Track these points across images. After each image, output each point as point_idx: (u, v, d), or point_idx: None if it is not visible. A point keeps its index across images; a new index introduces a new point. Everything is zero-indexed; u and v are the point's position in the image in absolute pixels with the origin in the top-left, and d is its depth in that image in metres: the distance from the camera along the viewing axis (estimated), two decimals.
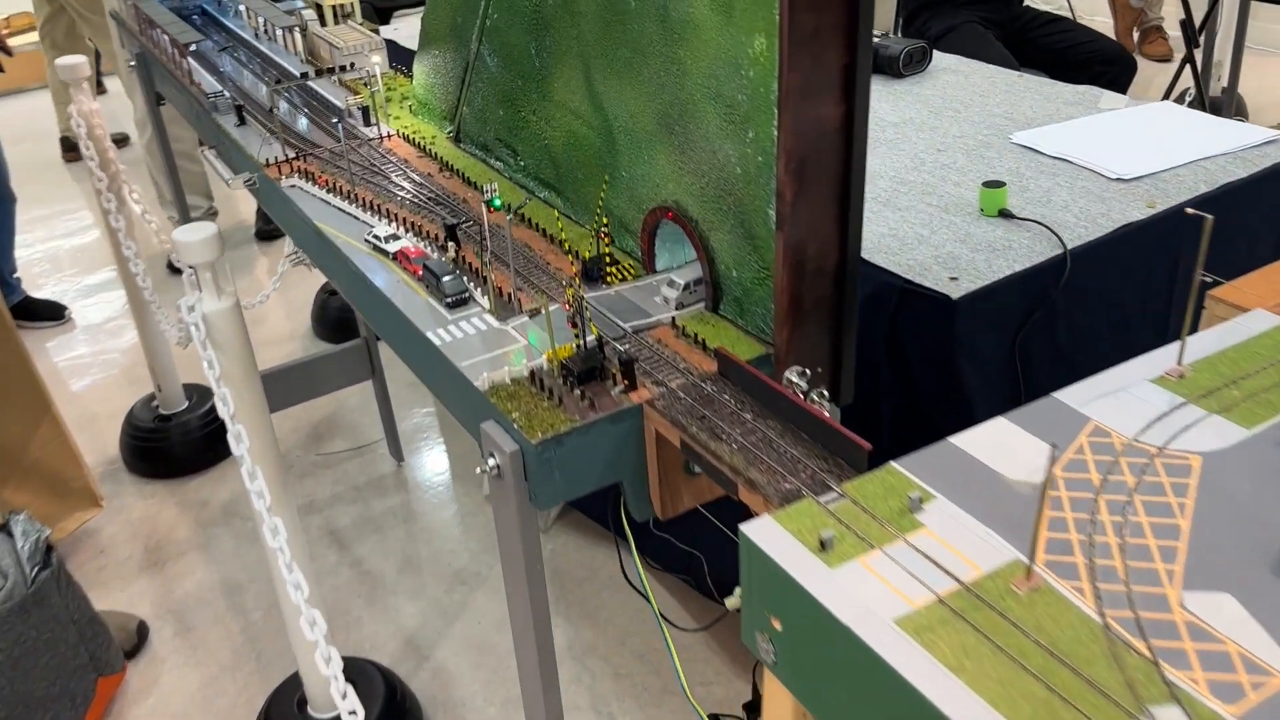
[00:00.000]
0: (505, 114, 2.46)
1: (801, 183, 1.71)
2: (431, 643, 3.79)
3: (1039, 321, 2.79)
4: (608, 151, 2.14)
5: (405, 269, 2.18)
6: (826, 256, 1.79)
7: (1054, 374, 2.84)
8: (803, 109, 1.66)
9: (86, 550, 4.26)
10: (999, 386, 2.78)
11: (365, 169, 2.62)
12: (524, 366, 1.84)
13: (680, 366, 1.82)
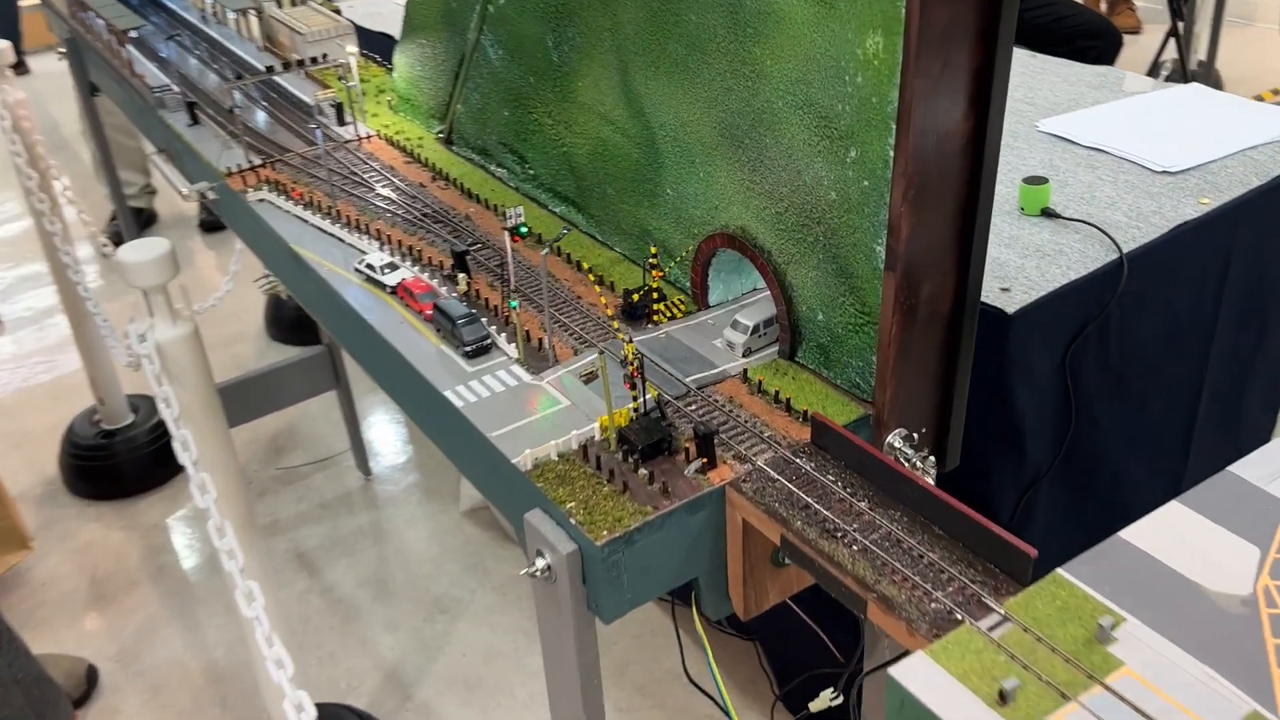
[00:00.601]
0: (512, 115, 2.06)
1: (921, 213, 1.35)
2: (413, 679, 3.40)
3: (1090, 334, 2.47)
4: (649, 165, 1.76)
5: (408, 306, 1.78)
6: (942, 299, 1.44)
7: (1103, 391, 2.53)
8: (928, 124, 1.30)
9: (24, 585, 3.79)
10: (1049, 409, 2.45)
11: (345, 178, 2.20)
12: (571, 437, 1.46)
13: (764, 435, 1.46)
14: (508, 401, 1.56)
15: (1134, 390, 2.61)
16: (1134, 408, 2.63)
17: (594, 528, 1.32)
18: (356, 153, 2.30)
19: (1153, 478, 2.81)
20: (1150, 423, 2.70)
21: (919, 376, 1.48)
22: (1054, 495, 2.54)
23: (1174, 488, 2.87)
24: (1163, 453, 2.80)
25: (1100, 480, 2.66)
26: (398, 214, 2.06)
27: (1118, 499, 2.73)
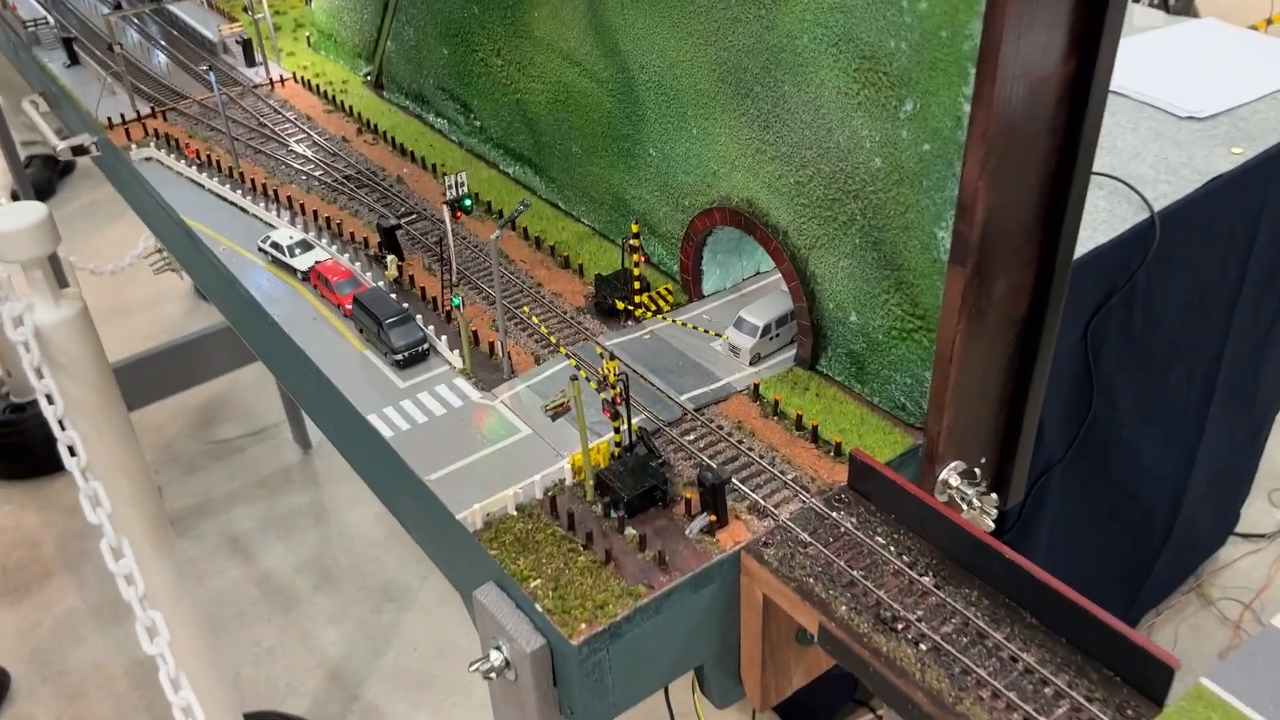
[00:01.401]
0: (452, 54, 1.65)
1: (1003, 188, 0.98)
2: (359, 677, 3.04)
3: (1115, 304, 2.13)
4: (625, 118, 1.36)
5: (324, 298, 1.38)
6: (1018, 298, 1.08)
7: (1123, 365, 2.21)
8: (1020, 67, 0.92)
9: None
10: (1066, 390, 2.13)
11: (252, 131, 1.78)
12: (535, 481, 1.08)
13: (786, 476, 1.09)
14: (451, 428, 1.18)
15: (1154, 362, 2.29)
16: (1152, 381, 2.31)
17: (568, 617, 0.95)
18: (268, 100, 1.88)
19: (1166, 456, 2.51)
20: (1168, 396, 2.39)
21: (984, 397, 1.12)
22: (1067, 479, 2.23)
23: (1187, 466, 2.58)
24: (1179, 430, 2.50)
25: (1114, 460, 2.36)
26: (314, 176, 1.65)
27: (1129, 479, 2.44)
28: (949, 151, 0.99)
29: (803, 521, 1.04)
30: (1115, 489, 2.39)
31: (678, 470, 1.11)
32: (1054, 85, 0.97)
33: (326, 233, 1.53)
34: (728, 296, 1.37)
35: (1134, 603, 2.79)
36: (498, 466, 1.12)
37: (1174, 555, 2.78)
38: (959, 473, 1.14)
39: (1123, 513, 2.48)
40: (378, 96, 1.90)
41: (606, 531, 1.04)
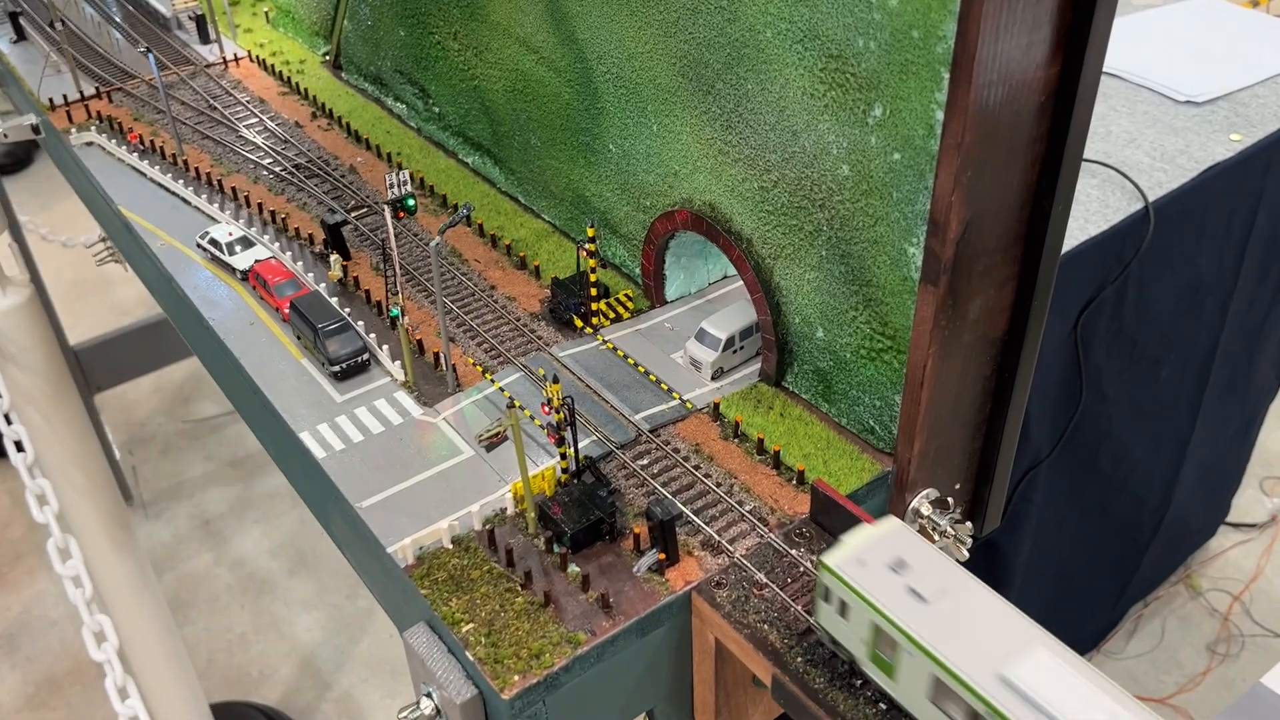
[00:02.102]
0: (409, 36, 1.55)
1: (979, 201, 0.89)
2: (334, 665, 2.98)
3: (1106, 298, 2.05)
4: (584, 111, 1.27)
5: (263, 299, 1.29)
6: (996, 317, 0.99)
7: (1113, 359, 2.13)
8: (998, 71, 0.83)
9: None
10: (1054, 385, 2.05)
11: (200, 115, 1.68)
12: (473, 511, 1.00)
13: (744, 507, 1.01)
14: (388, 449, 1.09)
15: (1145, 355, 2.22)
16: (1144, 375, 2.24)
17: (500, 667, 0.88)
18: (219, 80, 1.77)
19: (1156, 448, 2.44)
20: (1159, 390, 2.32)
21: (958, 421, 1.04)
22: (1055, 474, 2.16)
23: (1178, 459, 2.51)
24: (1170, 423, 2.43)
25: (1103, 454, 2.29)
26: (263, 165, 1.56)
27: (1119, 472, 2.37)
28: (921, 162, 0.90)
29: (759, 559, 0.96)
30: (1104, 482, 2.32)
31: (629, 499, 1.03)
32: (1037, 90, 0.88)
33: (271, 227, 1.44)
34: (692, 303, 1.29)
35: (1122, 594, 2.74)
36: (435, 492, 1.04)
37: (1163, 547, 2.72)
38: (931, 501, 1.06)
39: (1112, 505, 2.41)
40: (336, 78, 1.80)
41: (548, 569, 0.96)
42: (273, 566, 3.29)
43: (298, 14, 1.87)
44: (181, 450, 3.72)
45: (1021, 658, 0.78)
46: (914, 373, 0.97)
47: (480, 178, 1.53)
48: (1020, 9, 0.82)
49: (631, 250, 1.31)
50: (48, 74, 1.75)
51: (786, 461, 1.05)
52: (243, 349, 1.22)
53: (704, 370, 1.16)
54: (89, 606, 1.75)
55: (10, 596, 3.22)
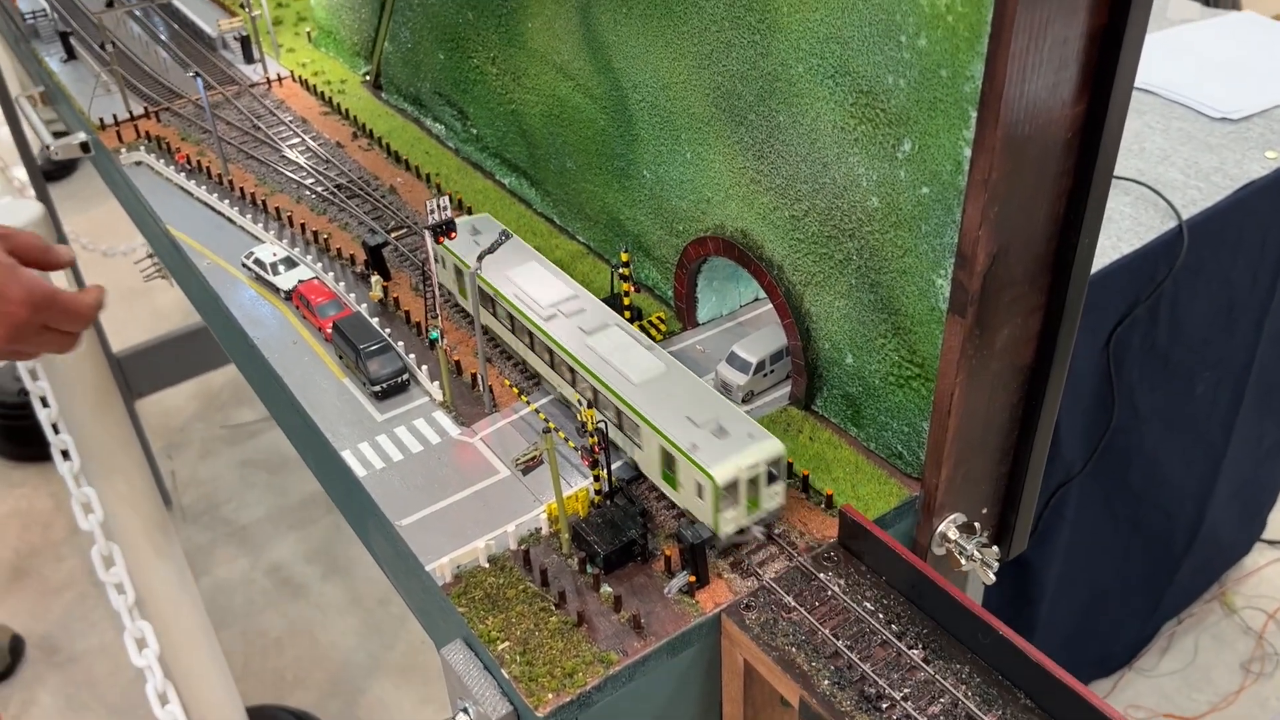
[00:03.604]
0: (448, 59, 1.59)
1: (1006, 236, 0.91)
2: (367, 670, 3.03)
3: (1139, 315, 2.05)
4: (619, 136, 1.30)
5: (306, 319, 1.34)
6: (1023, 347, 1.01)
7: (1146, 376, 2.13)
8: (1025, 110, 0.85)
9: None
10: (1086, 400, 2.06)
11: (245, 134, 1.73)
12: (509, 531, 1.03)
13: (774, 528, 1.04)
14: (427, 468, 1.13)
15: (1179, 372, 2.22)
16: (1177, 391, 2.24)
17: (535, 684, 0.91)
18: (263, 100, 1.82)
19: (1189, 465, 2.44)
20: (1193, 407, 2.32)
21: (985, 448, 1.06)
22: (1086, 489, 2.16)
23: (1212, 475, 2.51)
24: (1203, 439, 2.42)
25: (1135, 470, 2.29)
26: (305, 185, 1.60)
27: (1151, 489, 2.37)
28: (948, 196, 0.92)
29: (788, 583, 0.98)
30: (1137, 498, 2.32)
31: (659, 521, 1.06)
32: (1063, 127, 0.90)
33: (314, 247, 1.48)
34: (724, 325, 1.32)
35: (1155, 611, 2.73)
36: (472, 511, 1.08)
37: (1197, 563, 2.71)
38: (958, 526, 1.08)
39: (1144, 521, 2.41)
40: (376, 98, 1.84)
41: (581, 589, 0.99)
42: (307, 572, 3.35)
43: (339, 34, 1.92)
44: (219, 456, 3.79)
45: (601, 334, 1.11)
46: (942, 400, 0.99)
47: (516, 199, 1.57)
48: (1047, 51, 0.84)
49: (664, 273, 1.34)
50: (98, 94, 1.81)
51: (815, 485, 1.08)
52: (286, 367, 1.27)
53: (735, 393, 1.19)
54: (131, 613, 1.80)
55: (51, 598, 3.30)
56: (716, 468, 0.96)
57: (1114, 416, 2.10)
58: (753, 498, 0.99)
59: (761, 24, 1.03)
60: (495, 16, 1.44)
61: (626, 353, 1.09)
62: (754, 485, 0.99)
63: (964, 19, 0.85)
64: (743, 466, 0.97)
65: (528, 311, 1.15)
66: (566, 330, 1.12)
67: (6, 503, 3.61)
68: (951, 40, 0.86)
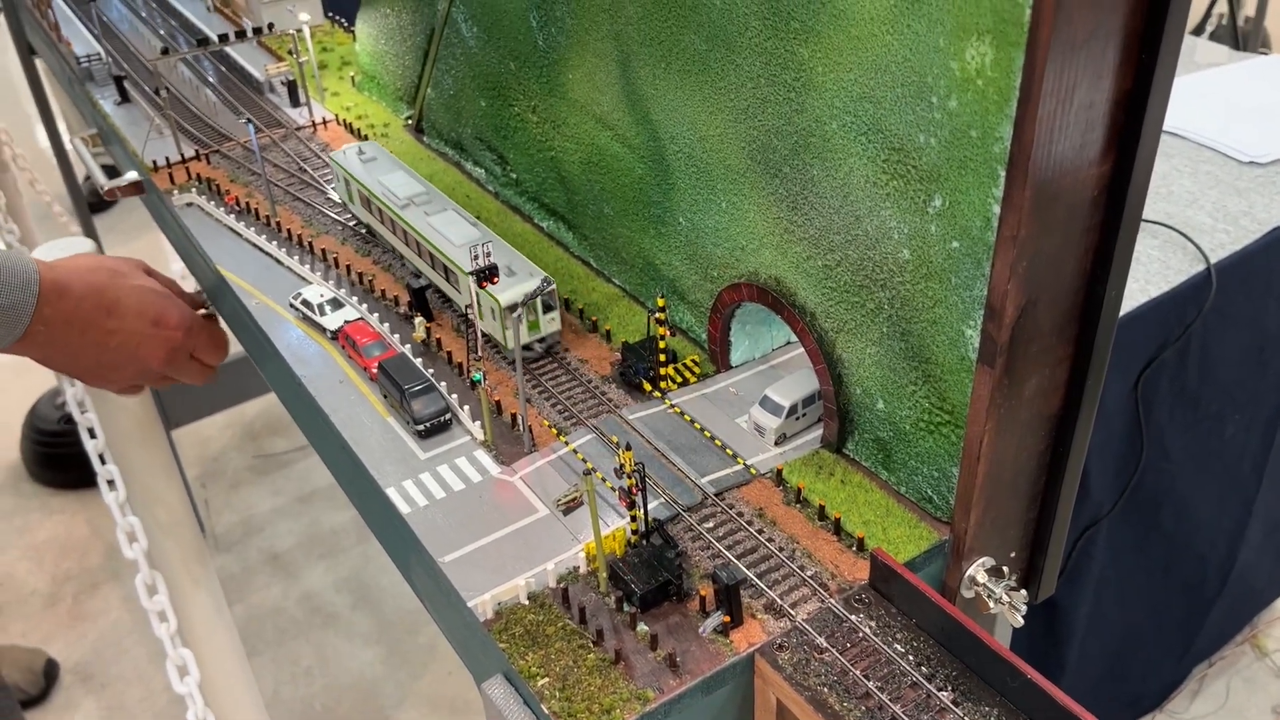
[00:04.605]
0: (490, 106, 1.64)
1: (1034, 289, 0.94)
2: (394, 700, 3.07)
3: (1168, 357, 2.07)
4: (656, 185, 1.35)
5: (351, 359, 1.38)
6: (1051, 395, 1.04)
7: (1176, 417, 2.14)
8: (1053, 170, 0.89)
9: None
10: (1115, 441, 2.07)
11: (291, 176, 1.79)
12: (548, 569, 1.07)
13: (806, 572, 1.07)
14: (469, 506, 1.17)
15: (1209, 414, 2.23)
16: (1207, 433, 2.25)
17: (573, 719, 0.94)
18: (309, 143, 1.89)
19: (1221, 507, 2.44)
20: (1223, 448, 2.32)
21: (1014, 493, 1.09)
22: (1116, 530, 2.17)
23: (1243, 517, 2.50)
24: (1234, 481, 2.42)
25: (1165, 512, 2.30)
26: (350, 226, 1.66)
27: (1182, 531, 2.37)
28: (978, 251, 0.96)
29: (820, 624, 1.01)
30: (1167, 539, 2.33)
31: (695, 560, 1.09)
32: (1089, 186, 0.93)
33: (359, 288, 1.53)
34: (756, 368, 1.35)
35: (1186, 653, 2.72)
36: (512, 549, 1.11)
37: (1228, 606, 2.70)
38: (987, 569, 1.10)
39: (1175, 563, 2.41)
40: (418, 141, 1.90)
41: (618, 627, 1.03)
42: (337, 601, 3.39)
43: (382, 79, 1.98)
44: (251, 485, 3.86)
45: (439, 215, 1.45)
46: (971, 447, 1.02)
47: (554, 241, 1.62)
48: (1073, 114, 0.87)
49: (698, 316, 1.38)
50: (151, 137, 1.87)
51: (847, 528, 1.11)
52: (333, 406, 1.31)
53: (767, 436, 1.22)
54: (173, 640, 1.85)
55: (86, 624, 3.36)
56: (502, 295, 1.29)
57: (1143, 457, 2.11)
58: (533, 321, 1.33)
59: (796, 82, 1.08)
60: (537, 67, 1.49)
61: (454, 226, 1.44)
62: (533, 310, 1.32)
63: (994, 83, 0.88)
64: (520, 294, 1.30)
65: (389, 202, 1.49)
66: (415, 214, 1.47)
67: (44, 529, 3.68)
68: (981, 103, 0.90)
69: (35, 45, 2.75)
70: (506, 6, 1.50)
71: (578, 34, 1.37)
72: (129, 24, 2.40)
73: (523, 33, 1.49)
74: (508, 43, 1.53)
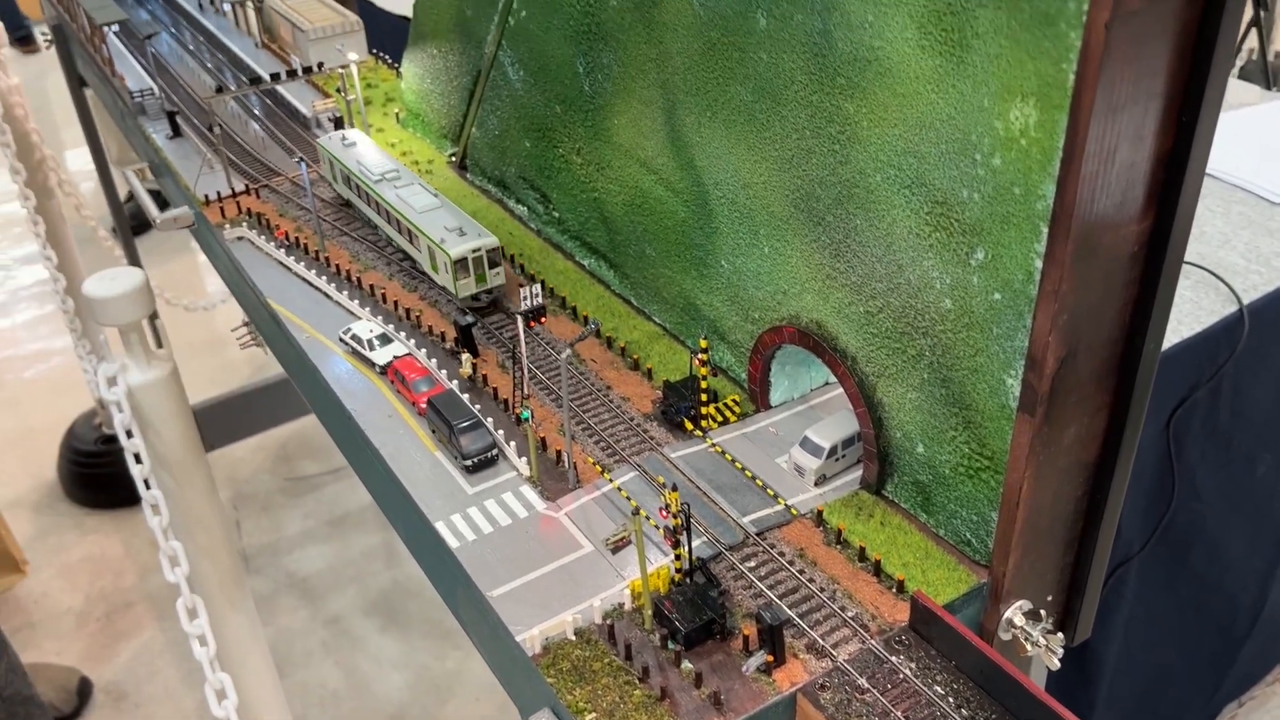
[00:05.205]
0: (534, 147, 1.69)
1: (1074, 341, 0.97)
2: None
3: (1200, 397, 2.08)
4: (699, 228, 1.39)
5: (400, 394, 1.42)
6: (1089, 443, 1.07)
7: (1208, 457, 2.15)
8: (1096, 227, 0.92)
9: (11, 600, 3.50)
10: (1145, 481, 2.08)
11: (339, 211, 1.84)
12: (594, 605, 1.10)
13: (847, 613, 1.09)
14: (515, 540, 1.20)
15: (1241, 454, 2.24)
16: (1239, 473, 2.26)
17: None
18: None
19: (1252, 546, 2.44)
20: (1255, 487, 2.33)
21: (1052, 538, 1.11)
22: (1147, 570, 2.18)
23: (1275, 559, 2.50)
24: (1266, 521, 2.42)
25: (1196, 553, 2.30)
26: (396, 260, 1.70)
27: (1213, 570, 2.37)
28: (1019, 303, 0.99)
29: (861, 665, 1.04)
30: (1198, 578, 2.33)
31: (737, 600, 1.12)
32: (1130, 242, 0.96)
33: (406, 323, 1.57)
34: (796, 408, 1.38)
35: (1216, 693, 2.71)
36: (558, 584, 1.14)
37: (1260, 645, 2.69)
38: (1024, 612, 1.12)
39: (1206, 602, 2.41)
40: (461, 178, 1.95)
41: (663, 664, 1.05)
42: (365, 625, 3.42)
43: (426, 116, 2.03)
44: (282, 507, 3.90)
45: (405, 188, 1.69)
46: (1010, 493, 1.05)
47: (595, 279, 1.65)
48: (1115, 173, 0.90)
49: (739, 356, 1.41)
50: (203, 172, 1.93)
51: (887, 570, 1.13)
52: (382, 440, 1.35)
53: (807, 476, 1.25)
54: (212, 664, 1.88)
55: (120, 644, 3.40)
56: (452, 249, 1.52)
57: (1175, 496, 2.12)
58: (480, 274, 1.55)
59: (841, 135, 1.11)
60: (583, 111, 1.53)
61: (417, 196, 1.67)
62: (480, 265, 1.54)
63: (1037, 143, 0.92)
64: (467, 249, 1.53)
65: (364, 177, 1.73)
66: (385, 187, 1.69)
67: (80, 548, 3.73)
68: (1025, 162, 0.93)
69: (86, 77, 2.83)
70: (553, 52, 1.54)
71: (624, 81, 1.42)
72: (180, 59, 2.47)
73: (569, 78, 1.53)
74: (554, 87, 1.58)
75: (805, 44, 1.11)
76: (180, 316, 3.76)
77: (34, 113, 3.17)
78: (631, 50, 1.37)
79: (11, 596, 3.56)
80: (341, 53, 2.11)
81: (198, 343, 4.61)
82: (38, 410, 4.40)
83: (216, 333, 4.61)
